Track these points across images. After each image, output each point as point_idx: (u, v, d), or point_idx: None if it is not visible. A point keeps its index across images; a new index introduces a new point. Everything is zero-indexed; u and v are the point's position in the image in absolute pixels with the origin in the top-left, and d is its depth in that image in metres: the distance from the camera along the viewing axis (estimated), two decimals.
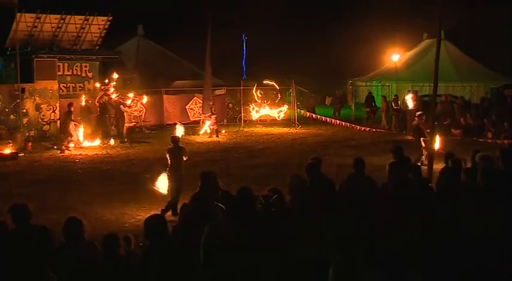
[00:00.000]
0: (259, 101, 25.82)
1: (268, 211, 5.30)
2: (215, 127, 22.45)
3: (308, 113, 27.60)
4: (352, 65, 38.05)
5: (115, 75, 21.68)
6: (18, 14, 21.20)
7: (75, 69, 23.83)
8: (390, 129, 23.88)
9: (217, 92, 27.49)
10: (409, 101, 22.72)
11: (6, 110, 20.86)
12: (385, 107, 25.38)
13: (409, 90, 27.11)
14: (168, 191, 10.85)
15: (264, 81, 26.11)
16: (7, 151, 17.57)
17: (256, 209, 5.26)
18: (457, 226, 5.60)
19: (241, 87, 26.88)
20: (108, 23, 24.52)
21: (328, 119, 26.33)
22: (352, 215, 6.10)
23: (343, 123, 25.18)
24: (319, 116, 26.96)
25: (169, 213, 10.29)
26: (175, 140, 11.28)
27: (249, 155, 17.87)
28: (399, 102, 24.43)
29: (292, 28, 42.11)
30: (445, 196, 6.71)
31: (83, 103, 21.26)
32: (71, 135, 19.08)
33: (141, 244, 7.77)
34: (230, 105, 27.18)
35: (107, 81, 21.72)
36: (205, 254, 4.99)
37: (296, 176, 6.41)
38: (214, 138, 21.83)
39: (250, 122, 26.05)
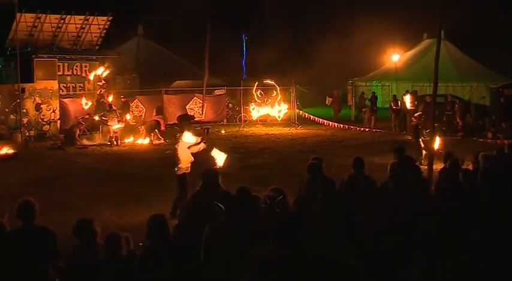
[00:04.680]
0: (260, 101, 25.83)
1: (272, 212, 5.30)
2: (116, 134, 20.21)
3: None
4: (352, 65, 38.02)
5: (99, 70, 21.90)
6: (18, 14, 21.22)
7: (75, 69, 23.84)
8: (371, 128, 24.02)
9: (217, 92, 27.51)
10: (407, 101, 22.70)
11: (6, 110, 20.88)
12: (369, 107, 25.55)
13: (407, 90, 27.10)
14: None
15: (265, 81, 26.12)
16: (7, 151, 17.58)
17: (257, 209, 5.25)
18: (457, 226, 5.60)
19: (241, 87, 26.89)
20: (108, 23, 24.55)
21: (326, 121, 26.29)
22: (352, 215, 6.09)
23: (341, 125, 25.17)
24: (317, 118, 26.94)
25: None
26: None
27: (249, 155, 17.87)
28: (399, 102, 24.43)
29: (292, 28, 42.10)
30: (444, 196, 6.71)
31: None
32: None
33: (141, 243, 7.77)
34: (230, 105, 27.18)
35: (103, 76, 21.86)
36: (205, 254, 4.99)
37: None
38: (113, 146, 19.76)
39: (250, 122, 26.05)
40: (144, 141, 20.44)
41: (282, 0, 41.04)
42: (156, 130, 20.75)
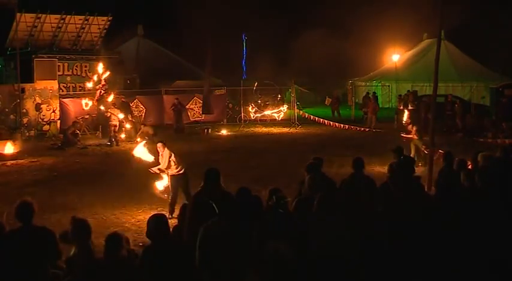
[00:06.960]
0: (260, 102, 25.81)
1: (276, 212, 5.30)
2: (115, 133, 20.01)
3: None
4: (352, 65, 38.05)
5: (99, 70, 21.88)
6: (18, 14, 21.22)
7: (75, 69, 23.84)
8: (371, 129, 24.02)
9: (217, 92, 27.52)
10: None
11: (6, 110, 20.88)
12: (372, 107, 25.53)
13: (409, 90, 27.12)
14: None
15: (265, 81, 26.14)
16: (7, 150, 17.57)
17: (257, 209, 5.24)
18: (456, 226, 5.60)
19: (241, 87, 26.89)
20: (108, 23, 24.54)
21: (326, 121, 26.24)
22: (352, 214, 6.10)
23: (341, 125, 25.13)
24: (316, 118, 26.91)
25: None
26: None
27: (249, 155, 17.86)
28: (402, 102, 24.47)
29: (292, 28, 42.11)
30: (444, 196, 6.71)
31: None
32: None
33: (141, 244, 7.77)
34: (230, 105, 27.17)
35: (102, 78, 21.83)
36: (200, 254, 4.97)
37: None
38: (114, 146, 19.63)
39: (250, 122, 26.05)
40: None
41: (282, 0, 41.04)
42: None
